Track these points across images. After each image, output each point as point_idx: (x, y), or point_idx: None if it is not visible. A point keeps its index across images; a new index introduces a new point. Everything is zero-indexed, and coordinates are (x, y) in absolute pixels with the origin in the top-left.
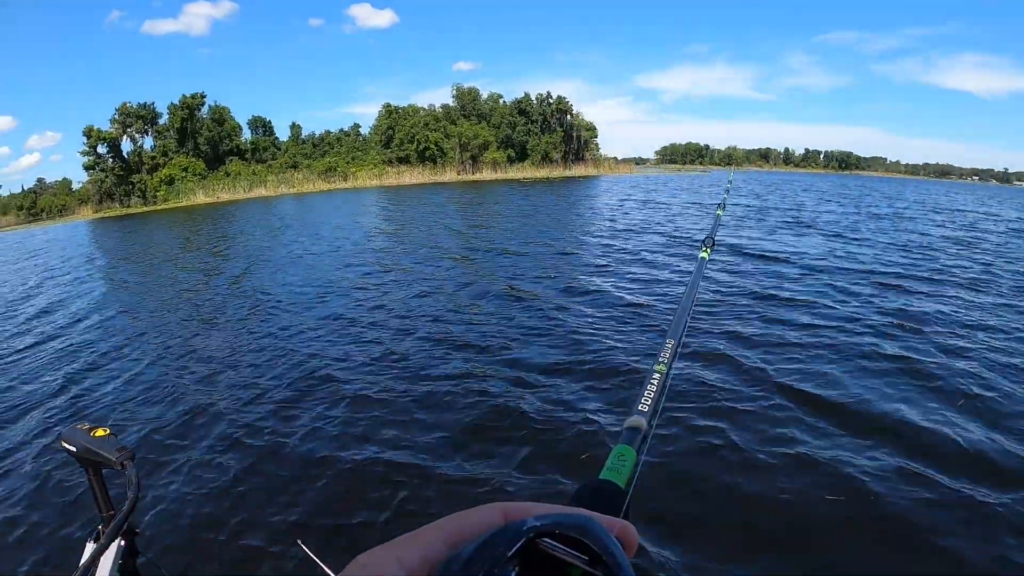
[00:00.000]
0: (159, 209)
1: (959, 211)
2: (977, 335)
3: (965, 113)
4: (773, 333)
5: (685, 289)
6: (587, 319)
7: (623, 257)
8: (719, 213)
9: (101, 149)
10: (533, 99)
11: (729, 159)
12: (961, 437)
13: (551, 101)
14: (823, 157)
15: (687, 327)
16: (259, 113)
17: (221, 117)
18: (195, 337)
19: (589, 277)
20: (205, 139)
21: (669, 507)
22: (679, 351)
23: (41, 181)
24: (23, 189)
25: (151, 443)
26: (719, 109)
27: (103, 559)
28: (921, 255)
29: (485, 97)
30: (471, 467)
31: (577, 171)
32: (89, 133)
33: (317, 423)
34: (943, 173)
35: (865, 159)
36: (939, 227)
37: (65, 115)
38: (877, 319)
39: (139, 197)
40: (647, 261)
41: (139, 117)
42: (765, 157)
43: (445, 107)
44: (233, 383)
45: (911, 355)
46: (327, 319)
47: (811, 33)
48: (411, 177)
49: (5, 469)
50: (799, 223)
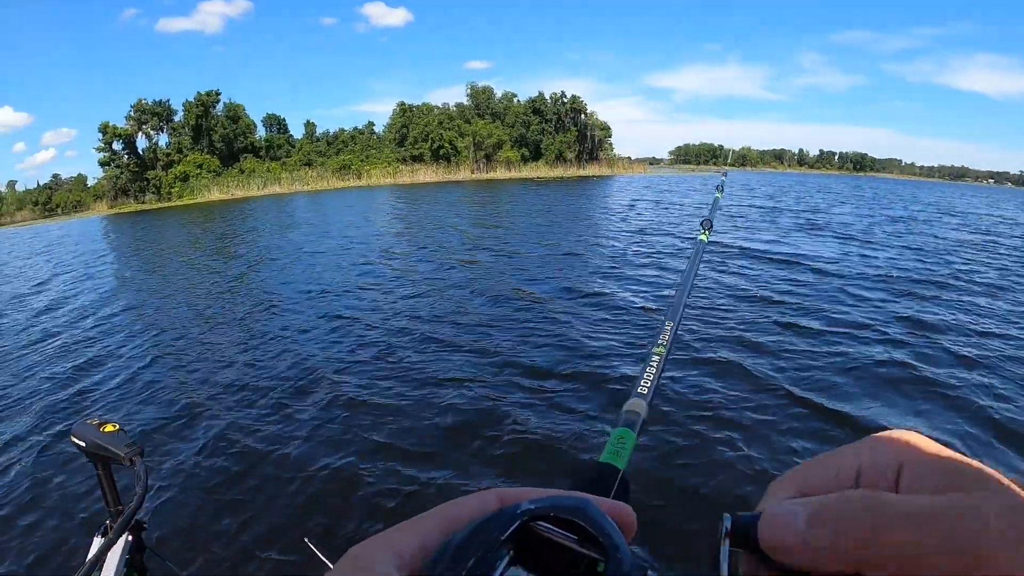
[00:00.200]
0: (173, 205)
1: (973, 214)
2: (991, 343)
3: (979, 114)
4: (784, 339)
5: (684, 271)
6: (591, 322)
7: (633, 260)
8: (718, 196)
9: (116, 145)
10: (547, 98)
11: (743, 159)
12: (968, 448)
13: (565, 100)
14: (838, 158)
15: (685, 308)
16: (273, 111)
17: (236, 114)
18: (202, 334)
19: (597, 279)
20: (220, 136)
21: (672, 514)
22: (677, 332)
23: (56, 177)
24: (38, 185)
25: (158, 439)
26: (731, 109)
27: (111, 554)
28: (936, 259)
29: (499, 96)
30: (473, 468)
31: (591, 171)
32: (105, 129)
33: (321, 421)
34: (958, 175)
35: (880, 161)
36: (954, 231)
37: (80, 112)
38: (889, 325)
39: (154, 193)
40: (659, 264)
41: (154, 114)
42: (779, 158)
43: (459, 106)
44: (240, 381)
45: (922, 363)
46: (331, 318)
47: (824, 32)
48: (425, 175)
49: (13, 463)
50: (813, 226)
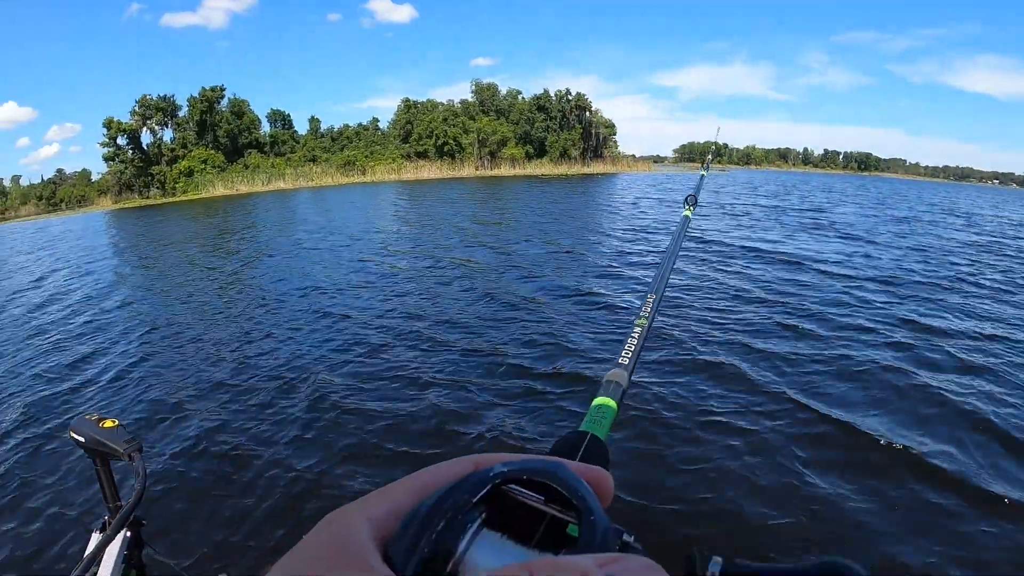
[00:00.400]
0: (178, 200)
1: (978, 215)
2: (994, 347)
3: (984, 115)
4: (785, 341)
5: (668, 246)
6: (585, 322)
7: (633, 260)
8: (703, 174)
9: (121, 141)
10: (552, 95)
11: (748, 158)
12: (969, 457)
13: (570, 98)
14: (842, 158)
15: (667, 282)
16: (278, 106)
17: (240, 110)
18: (197, 330)
19: (595, 279)
20: (224, 132)
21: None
22: (659, 305)
23: (61, 172)
24: (43, 180)
25: (152, 435)
26: (737, 108)
27: (109, 549)
28: (940, 261)
29: (504, 93)
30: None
31: (595, 168)
32: (109, 125)
33: (315, 418)
34: (963, 176)
35: (884, 160)
36: (958, 232)
37: (85, 107)
38: (891, 328)
39: (158, 188)
40: (658, 264)
41: (159, 109)
42: (784, 157)
43: (464, 102)
44: (235, 377)
45: (924, 368)
46: (326, 316)
47: (829, 32)
48: (429, 172)
49: (16, 458)
50: (817, 225)
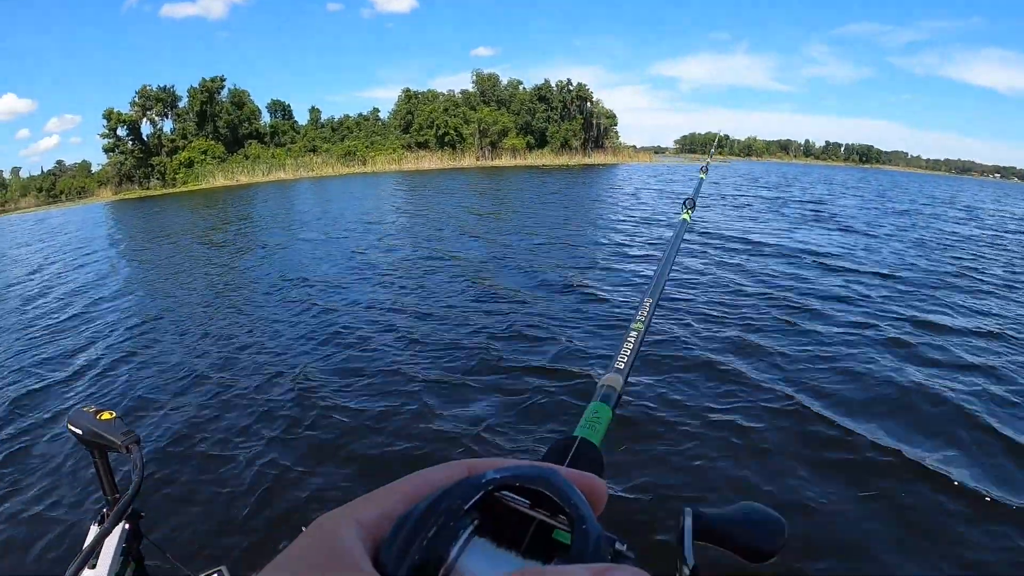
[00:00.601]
0: (178, 191)
1: (979, 208)
2: (996, 347)
3: (986, 109)
4: (784, 337)
5: (665, 250)
6: (580, 319)
7: (630, 253)
8: (702, 176)
9: (121, 132)
10: (553, 86)
11: (749, 149)
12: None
13: (571, 88)
14: (843, 150)
15: (664, 286)
16: (278, 97)
17: (240, 100)
18: (194, 323)
19: (591, 274)
20: (224, 122)
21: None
22: (655, 310)
23: (60, 163)
24: (42, 171)
25: (157, 427)
26: (738, 99)
27: (107, 542)
28: (941, 255)
29: (505, 83)
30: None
31: (596, 159)
32: (109, 116)
33: (314, 414)
34: (964, 169)
35: (886, 153)
36: (960, 225)
37: (84, 98)
38: (891, 324)
39: (158, 179)
40: (657, 258)
41: (159, 100)
42: (785, 148)
43: (465, 93)
44: (240, 371)
45: (924, 367)
46: (318, 309)
47: (832, 24)
48: (430, 162)
49: (12, 451)
50: (819, 218)
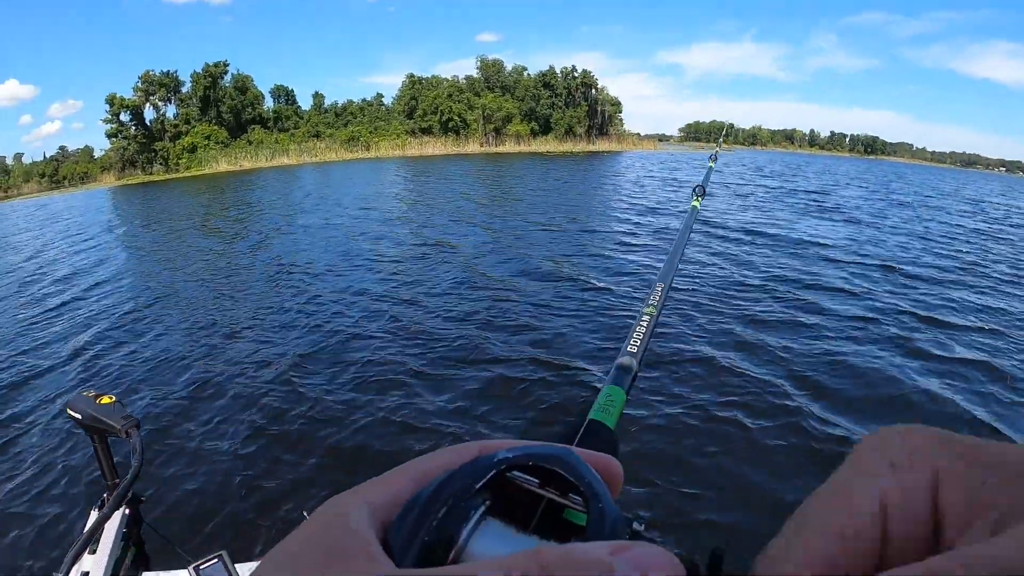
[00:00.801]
0: (181, 177)
1: (986, 202)
2: (999, 343)
3: (994, 102)
4: (788, 330)
5: (677, 236)
6: (586, 310)
7: (633, 243)
8: (711, 165)
9: (124, 117)
10: (558, 72)
11: (754, 138)
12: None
13: (576, 75)
14: (849, 140)
15: (676, 272)
16: (281, 82)
17: (244, 86)
18: (192, 308)
19: (594, 263)
20: (228, 108)
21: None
22: (668, 294)
23: (63, 149)
24: (45, 157)
25: (157, 412)
26: (744, 88)
27: (107, 526)
28: (945, 248)
29: (509, 69)
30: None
31: (600, 146)
32: (112, 101)
33: (321, 399)
34: (970, 162)
35: (891, 144)
36: (966, 218)
37: (87, 83)
38: (895, 318)
39: (161, 165)
40: (664, 249)
41: (162, 85)
42: (790, 138)
43: (469, 78)
44: (240, 356)
45: (927, 362)
46: (319, 297)
47: (840, 14)
48: (433, 148)
49: (13, 435)
50: (824, 208)
